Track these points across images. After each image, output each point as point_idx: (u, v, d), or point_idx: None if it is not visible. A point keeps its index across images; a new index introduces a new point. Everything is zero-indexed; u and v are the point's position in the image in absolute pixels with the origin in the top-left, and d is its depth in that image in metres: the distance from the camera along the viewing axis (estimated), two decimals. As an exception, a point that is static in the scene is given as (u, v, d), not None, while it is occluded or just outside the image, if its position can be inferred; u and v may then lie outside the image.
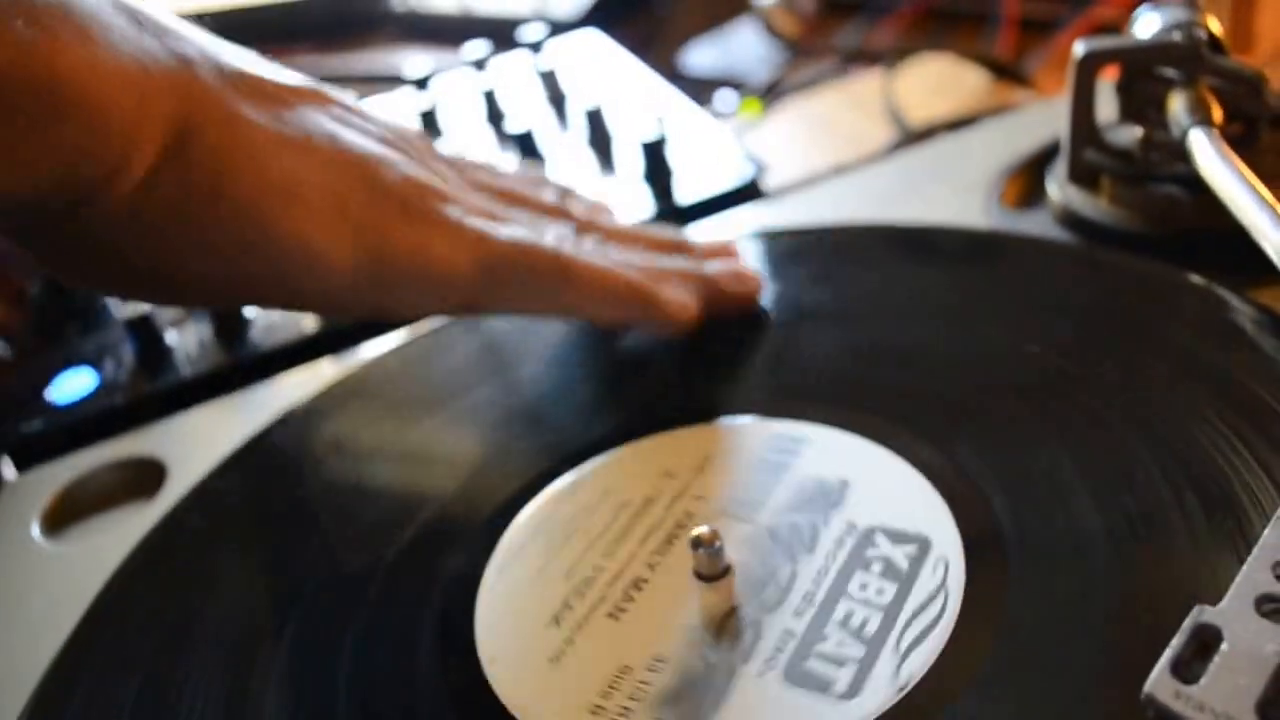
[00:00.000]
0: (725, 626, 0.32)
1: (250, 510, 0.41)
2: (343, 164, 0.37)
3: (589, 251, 0.43)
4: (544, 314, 0.44)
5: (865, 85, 0.76)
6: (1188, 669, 0.23)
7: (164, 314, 0.54)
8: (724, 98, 0.79)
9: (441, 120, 0.69)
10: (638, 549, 0.35)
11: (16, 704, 0.35)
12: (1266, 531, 0.26)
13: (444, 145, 0.45)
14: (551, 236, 0.42)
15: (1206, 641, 0.24)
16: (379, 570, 0.36)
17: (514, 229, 0.41)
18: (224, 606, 0.36)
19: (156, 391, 0.50)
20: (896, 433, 0.37)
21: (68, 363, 0.53)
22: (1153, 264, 0.42)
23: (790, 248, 0.50)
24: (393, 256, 0.38)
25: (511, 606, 0.34)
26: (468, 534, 0.37)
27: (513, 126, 0.64)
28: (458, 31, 0.92)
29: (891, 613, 0.30)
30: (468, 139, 0.68)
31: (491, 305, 0.41)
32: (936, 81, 0.76)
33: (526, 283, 0.41)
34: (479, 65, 0.74)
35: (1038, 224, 0.49)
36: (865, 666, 0.29)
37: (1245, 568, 0.25)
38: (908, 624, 0.30)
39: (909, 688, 0.28)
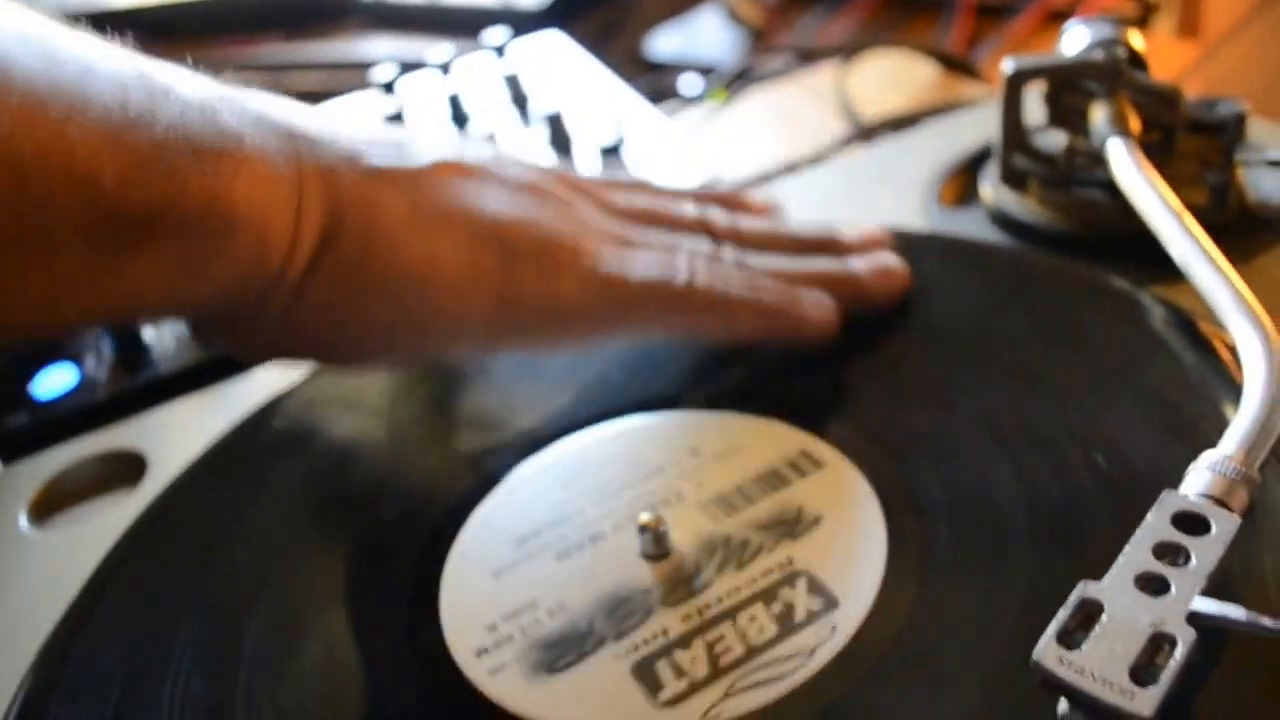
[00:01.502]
0: (628, 604, 0.35)
1: (233, 497, 0.43)
2: (478, 235, 0.40)
3: (725, 275, 0.43)
4: (683, 337, 0.45)
5: (821, 78, 0.79)
6: (1071, 638, 0.26)
7: (142, 312, 0.56)
8: (688, 83, 0.81)
9: (407, 123, 0.72)
10: (618, 507, 0.38)
11: (10, 682, 0.37)
12: (1149, 515, 0.29)
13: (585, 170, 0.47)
14: (685, 266, 0.42)
15: (1090, 613, 0.26)
16: (342, 573, 0.39)
17: (647, 267, 0.42)
18: (209, 588, 0.39)
19: (136, 387, 0.52)
20: (880, 469, 0.38)
21: (49, 359, 0.55)
22: (1070, 263, 0.45)
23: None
24: (527, 311, 0.40)
25: (495, 523, 0.38)
26: (428, 530, 0.40)
27: (476, 129, 0.66)
28: (424, 21, 0.94)
29: (755, 653, 0.32)
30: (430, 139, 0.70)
31: (627, 336, 0.44)
32: (889, 75, 0.79)
33: (659, 320, 0.43)
34: (444, 69, 0.76)
35: (972, 223, 0.52)
36: (696, 688, 0.32)
37: (1128, 547, 0.28)
38: (759, 668, 0.32)
39: None
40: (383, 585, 0.37)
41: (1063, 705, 0.26)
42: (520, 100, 0.72)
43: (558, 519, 0.38)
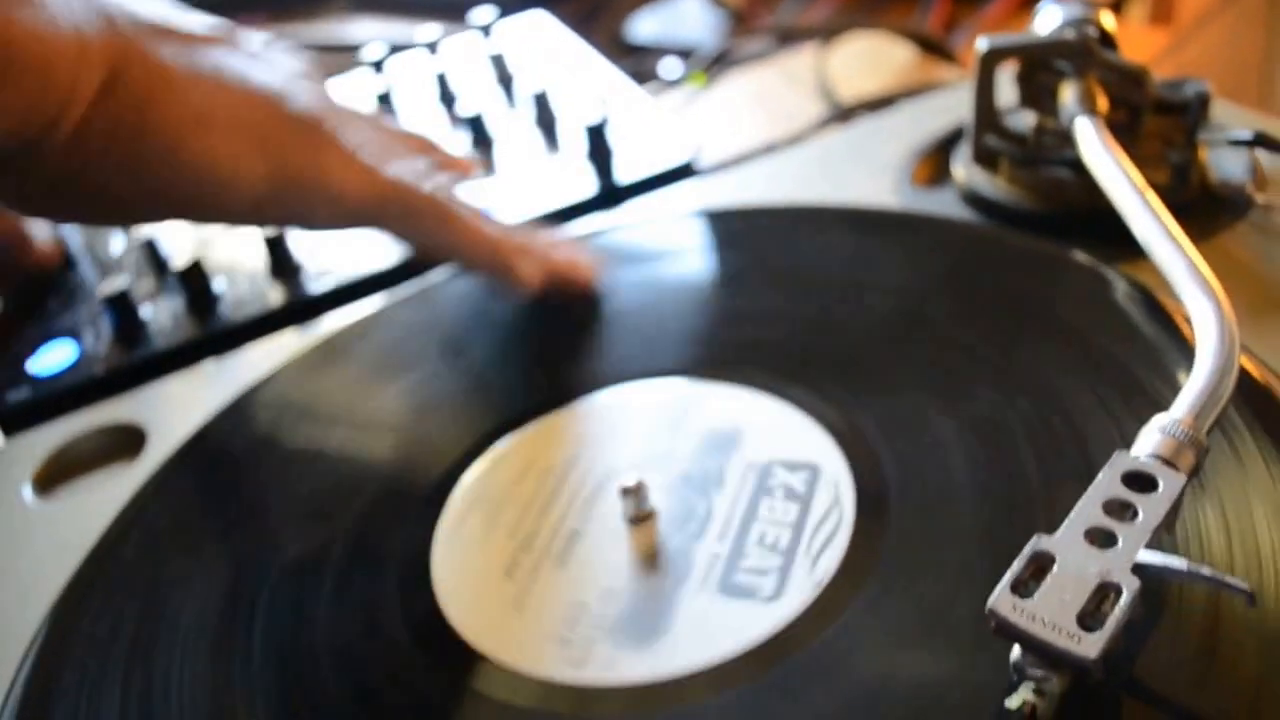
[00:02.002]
0: (657, 559, 0.36)
1: (229, 471, 0.45)
2: (250, 96, 0.44)
3: (464, 206, 0.48)
4: (425, 249, 0.50)
5: (800, 61, 0.80)
6: (1024, 587, 0.28)
7: (140, 289, 0.58)
8: (668, 66, 0.83)
9: (396, 102, 0.73)
10: (568, 507, 0.40)
11: (18, 647, 0.39)
12: (1100, 474, 0.30)
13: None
14: (430, 185, 0.47)
15: (1042, 565, 0.28)
16: (338, 537, 0.40)
17: (400, 169, 0.47)
18: (208, 560, 0.40)
19: (134, 362, 0.54)
20: (781, 383, 0.42)
21: (49, 336, 0.57)
22: (1036, 240, 0.47)
23: (718, 226, 0.54)
24: (293, 177, 0.44)
25: (466, 569, 0.38)
26: (414, 502, 0.41)
27: (464, 109, 0.68)
28: (411, 2, 0.95)
29: (798, 527, 0.36)
30: (421, 120, 0.71)
31: (380, 229, 0.48)
32: (867, 57, 0.80)
33: (408, 217, 0.47)
34: (431, 48, 0.78)
35: (944, 202, 0.53)
36: (784, 572, 0.34)
37: (1080, 503, 0.30)
38: (813, 534, 0.35)
39: (824, 584, 0.34)
40: (379, 563, 0.39)
41: (1016, 651, 0.28)
42: (506, 80, 0.73)
43: (523, 543, 0.39)
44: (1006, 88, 0.52)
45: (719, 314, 0.48)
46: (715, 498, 0.38)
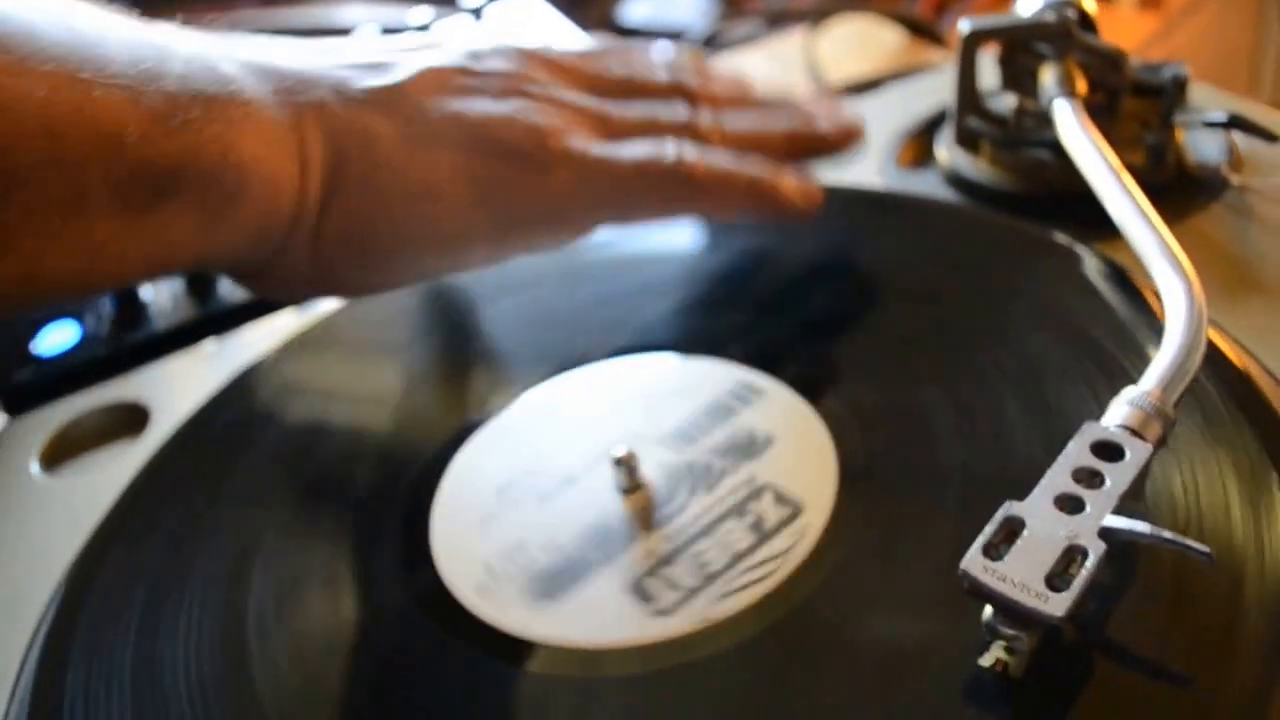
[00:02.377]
0: (613, 533, 0.38)
1: (231, 446, 0.46)
2: (470, 142, 0.42)
3: (712, 152, 0.45)
4: (678, 218, 0.48)
5: (789, 43, 0.81)
6: (995, 550, 0.29)
7: (139, 271, 0.59)
8: (658, 49, 0.83)
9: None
10: (585, 450, 0.41)
11: (33, 613, 0.40)
12: (1070, 444, 0.32)
13: (530, 39, 0.48)
14: (672, 145, 0.44)
15: (1013, 529, 0.30)
16: (340, 508, 0.42)
17: (635, 148, 0.44)
18: (214, 530, 0.41)
19: (135, 343, 0.55)
20: (827, 399, 0.42)
21: (51, 318, 0.58)
22: (1016, 221, 0.48)
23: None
24: (525, 209, 0.43)
25: (472, 475, 0.41)
26: (416, 471, 0.43)
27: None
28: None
29: (736, 560, 0.36)
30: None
31: (626, 220, 0.46)
32: (856, 40, 0.81)
33: (654, 200, 0.45)
34: (423, 31, 0.79)
35: (927, 183, 0.54)
36: (689, 596, 0.35)
37: (1050, 471, 0.31)
38: (743, 573, 0.35)
39: (708, 624, 0.34)
40: (377, 536, 0.40)
41: (987, 611, 0.29)
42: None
43: (530, 468, 0.41)
44: (990, 71, 0.53)
45: (755, 298, 0.49)
46: (697, 498, 0.39)
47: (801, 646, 0.32)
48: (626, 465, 0.38)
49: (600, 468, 0.40)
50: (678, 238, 0.53)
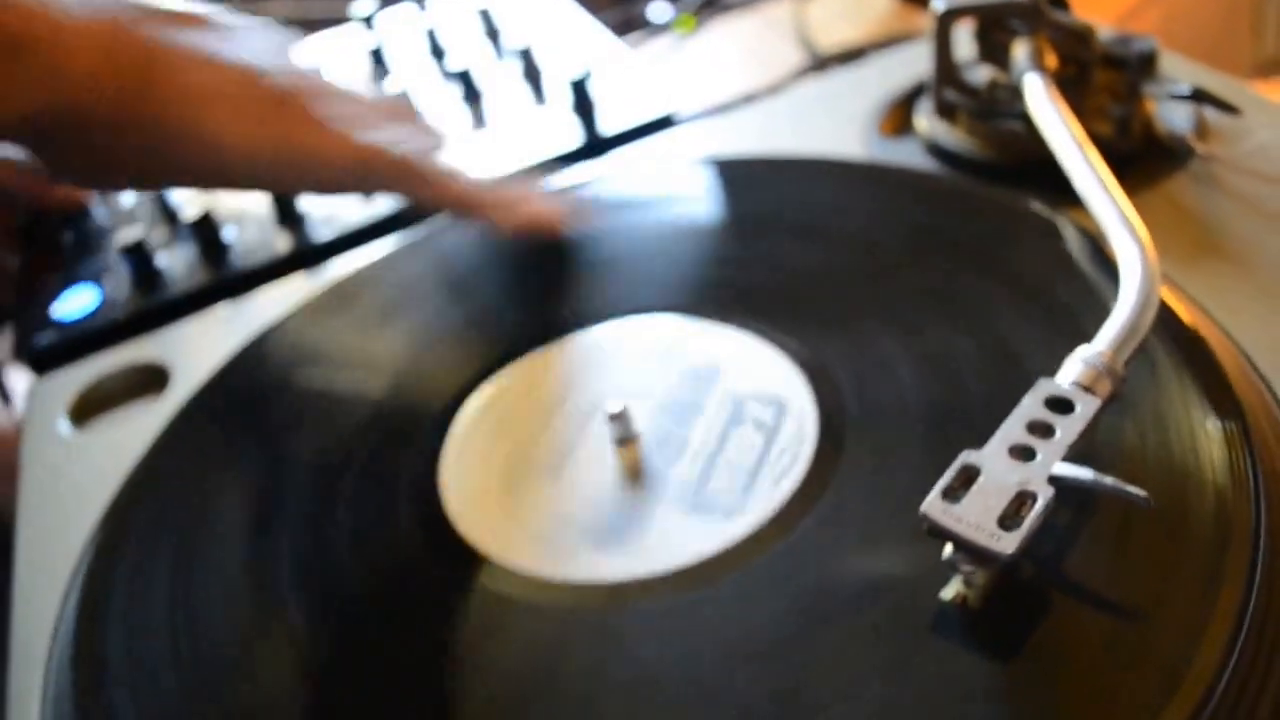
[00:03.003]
0: (639, 477, 0.41)
1: (251, 403, 0.49)
2: (240, 73, 0.49)
3: (433, 162, 0.53)
4: (410, 201, 0.56)
5: (783, 8, 0.84)
6: (954, 494, 0.32)
7: (155, 239, 0.62)
8: (657, 10, 0.86)
9: (387, 56, 0.76)
10: (563, 426, 0.44)
11: (70, 556, 0.43)
12: (1025, 398, 0.35)
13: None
14: (402, 149, 0.52)
15: (970, 475, 0.32)
16: (354, 457, 0.44)
17: (374, 135, 0.52)
18: (235, 483, 0.44)
19: (152, 306, 0.58)
20: (759, 323, 0.46)
21: (70, 282, 0.60)
22: (988, 188, 0.51)
23: (700, 175, 0.58)
24: (282, 148, 0.50)
25: (470, 482, 0.43)
26: (423, 425, 0.45)
27: (453, 64, 0.71)
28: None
29: (763, 454, 0.40)
30: (412, 74, 0.75)
31: (356, 192, 0.54)
32: (848, 5, 0.83)
33: (383, 180, 0.52)
34: (420, 3, 0.81)
35: (907, 152, 0.57)
36: (747, 492, 0.39)
37: (1005, 423, 0.34)
38: (777, 460, 0.39)
39: (782, 505, 0.38)
40: (390, 485, 0.43)
41: (948, 549, 0.32)
42: (494, 34, 0.77)
43: (521, 455, 0.43)
44: (969, 41, 0.55)
45: (699, 257, 0.52)
46: (693, 425, 0.42)
47: (761, 594, 0.35)
48: (620, 418, 0.41)
49: (585, 432, 0.43)
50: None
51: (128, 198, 0.68)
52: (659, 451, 0.42)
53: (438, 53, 0.76)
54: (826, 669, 0.32)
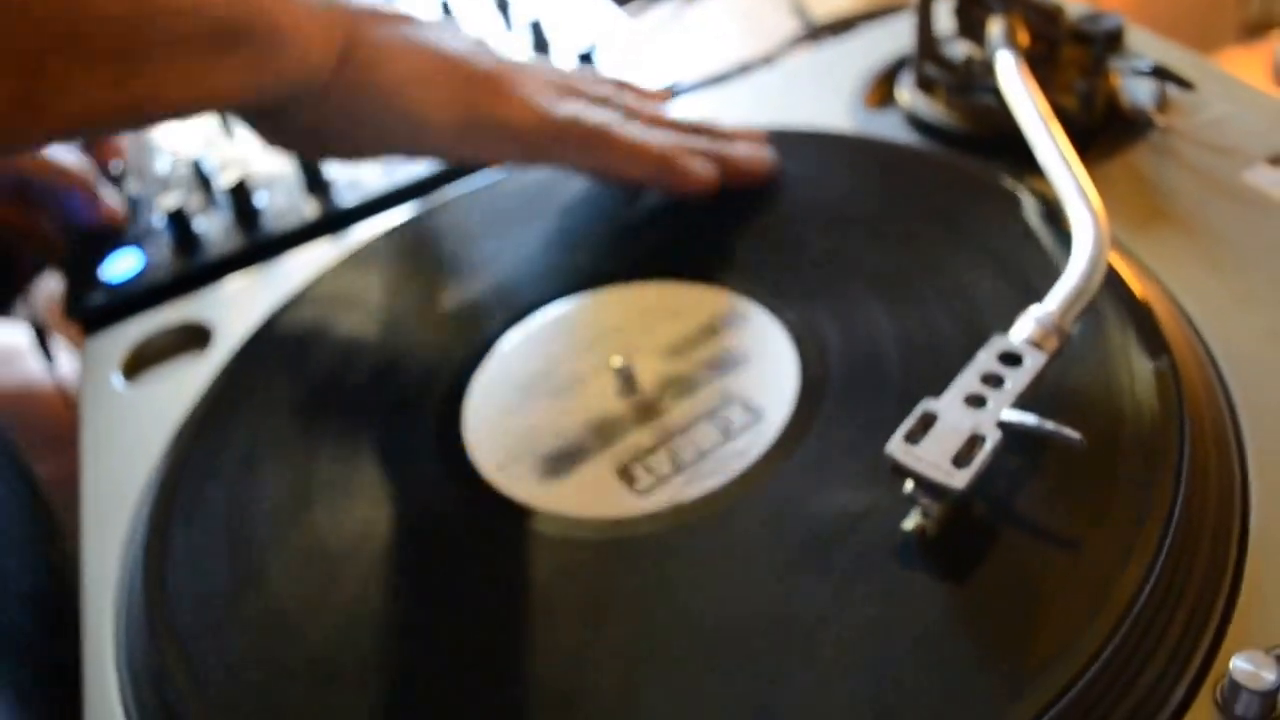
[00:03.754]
0: (611, 426, 0.46)
1: (289, 355, 0.54)
2: (445, 59, 0.55)
3: (630, 129, 0.57)
4: (593, 170, 0.58)
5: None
6: (914, 437, 0.37)
7: (192, 205, 0.66)
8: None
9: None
10: (593, 359, 0.49)
11: (132, 495, 0.48)
12: (979, 352, 0.39)
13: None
14: (599, 116, 0.57)
15: (928, 421, 0.37)
16: (389, 395, 0.50)
17: (569, 107, 0.57)
18: (283, 421, 0.49)
19: (193, 269, 0.62)
20: (748, 284, 0.51)
21: (116, 247, 0.65)
22: (961, 159, 0.55)
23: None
24: (480, 120, 0.55)
25: (496, 380, 0.50)
26: (451, 368, 0.51)
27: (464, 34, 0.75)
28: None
29: (705, 454, 0.44)
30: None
31: (551, 161, 0.58)
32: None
33: (575, 146, 0.57)
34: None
35: (890, 124, 0.61)
36: (663, 481, 0.43)
37: (961, 375, 0.39)
38: (709, 465, 0.43)
39: (682, 504, 0.42)
40: (415, 425, 0.48)
41: (908, 485, 0.37)
42: (504, 5, 0.80)
43: (546, 370, 0.49)
44: (950, 18, 0.59)
45: (704, 226, 0.57)
46: (678, 403, 0.46)
47: (752, 525, 0.40)
48: (624, 372, 0.46)
49: (603, 374, 0.48)
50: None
51: (162, 164, 0.73)
52: (638, 413, 0.46)
53: (450, 23, 0.80)
54: (815, 588, 0.37)
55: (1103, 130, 0.56)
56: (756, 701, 0.34)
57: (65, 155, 0.66)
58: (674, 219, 0.57)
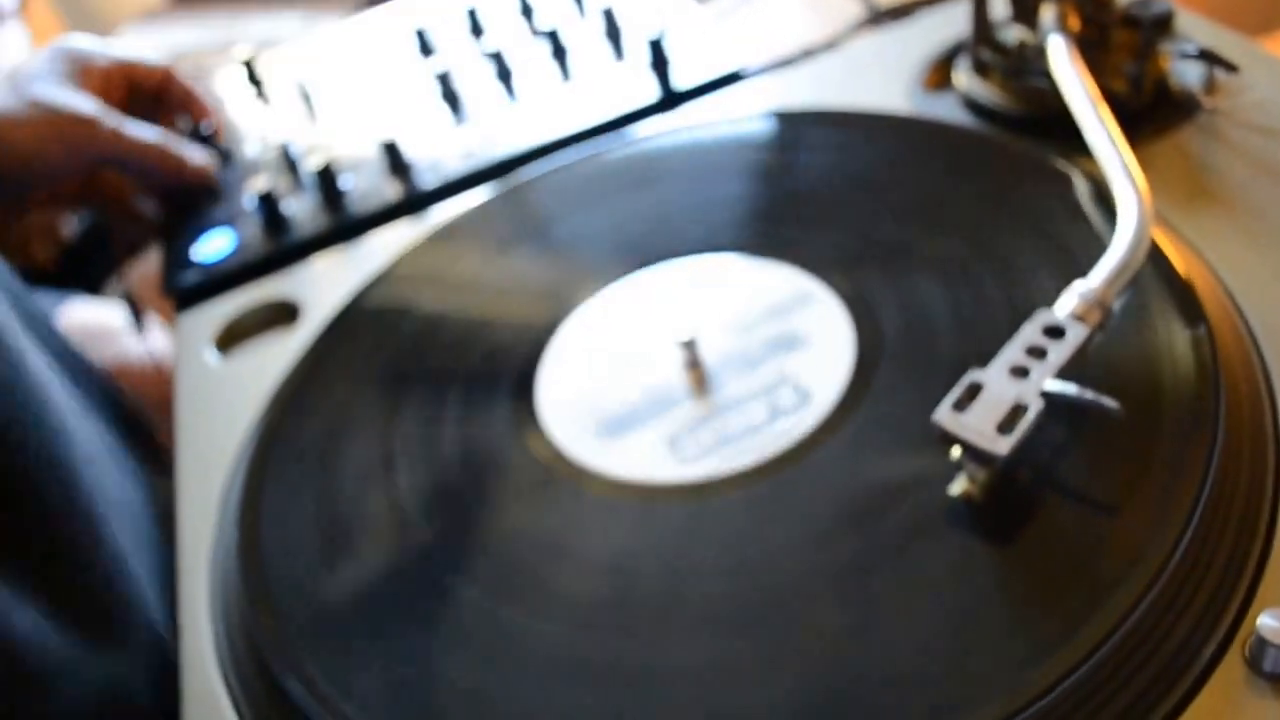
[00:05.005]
0: (668, 397, 0.49)
1: (375, 330, 0.57)
2: None
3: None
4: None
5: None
6: (961, 406, 0.39)
7: (281, 187, 0.70)
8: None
9: (480, 17, 0.84)
10: (661, 332, 0.52)
11: (222, 467, 0.52)
12: (1024, 325, 0.42)
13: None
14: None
15: (974, 391, 0.40)
16: (467, 364, 0.53)
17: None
18: (369, 388, 0.53)
19: (282, 248, 0.66)
20: (810, 260, 0.53)
21: (207, 227, 0.69)
22: (1015, 140, 0.57)
23: (768, 128, 0.65)
24: None
25: (570, 349, 0.53)
26: (527, 339, 0.54)
27: (541, 23, 0.78)
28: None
29: (751, 431, 0.46)
30: (502, 32, 0.82)
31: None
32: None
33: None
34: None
35: (947, 106, 0.63)
36: (711, 451, 0.46)
37: (1007, 346, 0.41)
38: (752, 441, 0.46)
39: (726, 475, 0.45)
40: (492, 393, 0.51)
41: (955, 451, 0.39)
42: (577, -5, 0.83)
43: (617, 340, 0.52)
44: (1005, 4, 0.61)
45: (765, 202, 0.59)
46: (737, 378, 0.49)
47: (787, 496, 0.43)
48: (689, 347, 0.49)
49: (669, 347, 0.51)
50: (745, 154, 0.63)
51: (251, 149, 0.77)
52: (697, 385, 0.49)
53: (526, 10, 0.83)
54: (868, 547, 0.40)
55: (1152, 112, 0.58)
56: (801, 653, 0.37)
57: (142, 131, 0.70)
58: (742, 196, 0.60)
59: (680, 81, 0.72)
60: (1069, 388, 0.39)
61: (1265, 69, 0.59)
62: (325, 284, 0.62)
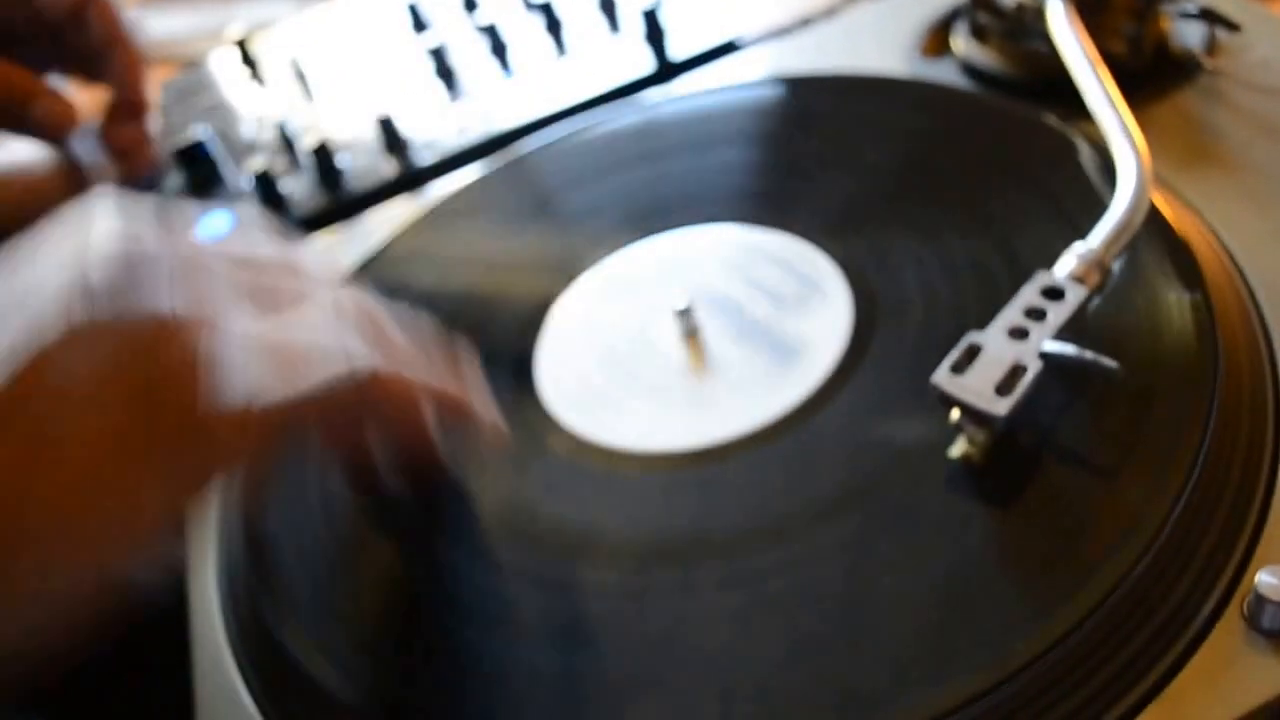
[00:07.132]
0: (666, 367, 0.49)
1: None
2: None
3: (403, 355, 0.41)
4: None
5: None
6: (959, 368, 0.39)
7: (278, 167, 0.70)
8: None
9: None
10: (658, 302, 0.52)
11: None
12: (1024, 287, 0.41)
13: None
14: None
15: (973, 352, 0.39)
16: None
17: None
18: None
19: (280, 226, 0.66)
20: (810, 227, 0.53)
21: (207, 208, 0.69)
22: (1012, 103, 0.57)
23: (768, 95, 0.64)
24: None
25: (569, 323, 0.53)
26: (525, 313, 0.54)
27: (536, -3, 0.78)
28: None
29: (749, 397, 0.46)
30: (497, 6, 0.82)
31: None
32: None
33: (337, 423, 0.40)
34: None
35: (945, 71, 0.63)
36: (709, 418, 0.46)
37: (1006, 307, 0.41)
38: (760, 399, 0.46)
39: (726, 441, 0.45)
40: (492, 363, 0.51)
41: (954, 414, 0.39)
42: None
43: (615, 312, 0.52)
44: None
45: (766, 170, 0.59)
46: (737, 344, 0.49)
47: (785, 461, 0.43)
48: (685, 315, 0.49)
49: (667, 316, 0.51)
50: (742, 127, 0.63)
51: (247, 130, 0.76)
52: (698, 351, 0.49)
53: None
54: (870, 510, 0.40)
55: (1152, 74, 0.57)
56: (806, 624, 0.37)
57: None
58: (740, 164, 0.60)
59: (676, 52, 0.71)
60: (1067, 348, 0.39)
61: (1267, 28, 0.58)
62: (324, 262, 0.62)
